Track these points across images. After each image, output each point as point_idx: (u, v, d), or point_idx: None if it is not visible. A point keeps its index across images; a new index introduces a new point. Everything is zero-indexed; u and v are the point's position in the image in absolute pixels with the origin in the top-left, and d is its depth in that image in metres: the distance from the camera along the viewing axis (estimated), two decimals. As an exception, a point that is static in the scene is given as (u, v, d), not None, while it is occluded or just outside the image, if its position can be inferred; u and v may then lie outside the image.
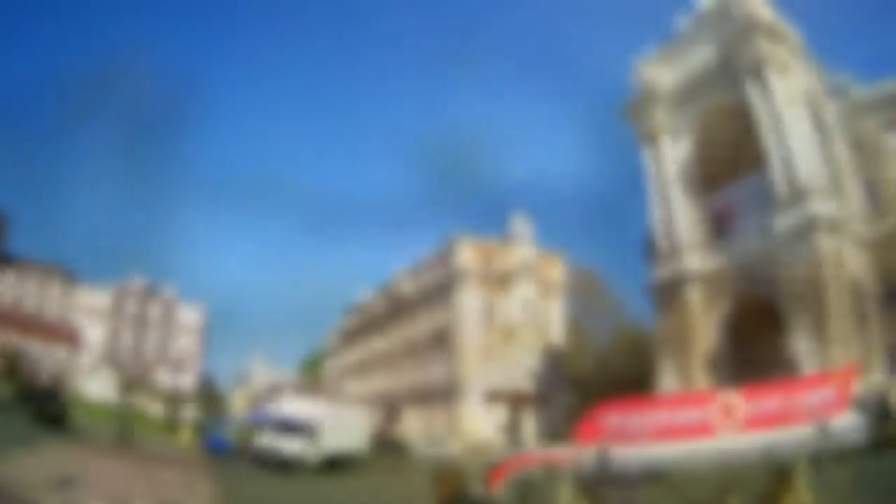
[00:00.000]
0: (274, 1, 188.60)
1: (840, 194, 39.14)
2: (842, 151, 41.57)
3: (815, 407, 7.50)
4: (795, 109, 37.14)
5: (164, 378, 59.68)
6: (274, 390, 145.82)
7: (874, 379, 33.93)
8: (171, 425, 47.71)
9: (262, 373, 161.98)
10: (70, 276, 67.91)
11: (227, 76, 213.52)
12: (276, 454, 29.58)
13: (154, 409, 58.93)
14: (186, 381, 67.27)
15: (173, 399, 56.33)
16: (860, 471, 8.02)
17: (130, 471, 20.18)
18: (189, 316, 77.40)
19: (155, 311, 73.91)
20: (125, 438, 30.15)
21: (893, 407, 22.21)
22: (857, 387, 33.27)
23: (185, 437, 38.03)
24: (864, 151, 41.16)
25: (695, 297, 40.83)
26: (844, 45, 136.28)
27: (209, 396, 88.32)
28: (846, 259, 34.39)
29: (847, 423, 7.30)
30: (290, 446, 29.74)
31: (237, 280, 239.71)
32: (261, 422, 37.90)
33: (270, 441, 30.66)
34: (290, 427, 30.69)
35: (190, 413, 59.40)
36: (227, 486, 20.40)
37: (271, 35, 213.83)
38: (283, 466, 28.46)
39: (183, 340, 75.05)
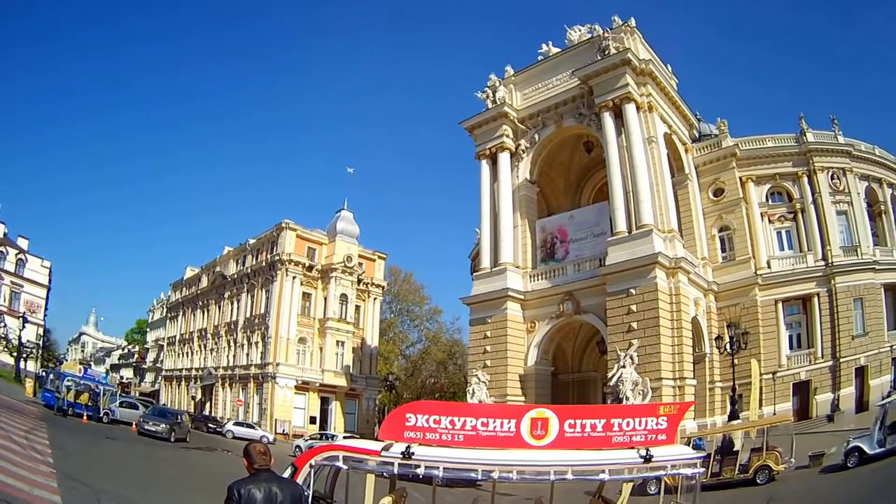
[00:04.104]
0: None
1: (689, 238, 36.27)
2: (699, 197, 39.06)
3: (640, 435, 5.35)
4: (651, 149, 33.46)
5: (12, 328, 54.49)
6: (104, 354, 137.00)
7: (714, 420, 31.26)
8: (17, 376, 47.39)
9: (93, 336, 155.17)
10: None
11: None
12: None
13: (4, 358, 57.37)
14: (31, 334, 61.06)
15: (20, 351, 51.79)
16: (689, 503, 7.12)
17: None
18: (37, 270, 71.12)
19: (9, 260, 67.29)
20: None
21: (735, 448, 20.73)
22: (695, 425, 28.66)
23: (29, 388, 37.49)
24: (725, 201, 38.88)
25: (515, 314, 36.30)
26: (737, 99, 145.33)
27: (48, 352, 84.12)
28: (685, 300, 30.85)
29: (675, 456, 5.34)
30: None
31: (81, 241, 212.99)
32: (88, 381, 35.84)
33: None
34: None
35: (32, 366, 58.78)
36: (58, 436, 20.82)
37: None
38: None
39: (31, 294, 69.47)
